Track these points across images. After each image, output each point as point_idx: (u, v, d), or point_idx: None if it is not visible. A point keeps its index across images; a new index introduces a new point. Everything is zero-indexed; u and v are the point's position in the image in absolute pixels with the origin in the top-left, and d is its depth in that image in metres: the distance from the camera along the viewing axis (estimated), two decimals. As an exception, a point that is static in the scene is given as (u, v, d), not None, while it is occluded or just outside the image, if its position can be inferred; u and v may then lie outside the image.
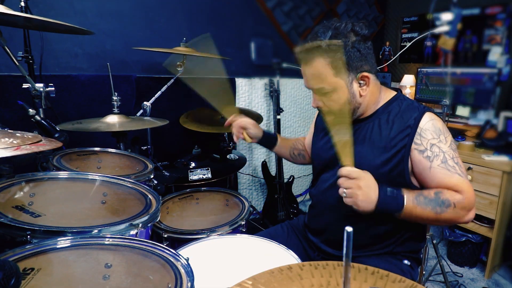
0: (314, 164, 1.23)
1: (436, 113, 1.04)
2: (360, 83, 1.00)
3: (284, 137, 1.43)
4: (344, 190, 0.89)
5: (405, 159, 0.98)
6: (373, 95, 1.04)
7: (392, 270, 1.03)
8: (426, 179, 0.97)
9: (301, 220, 1.32)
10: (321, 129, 1.22)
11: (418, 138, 0.97)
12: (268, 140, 1.37)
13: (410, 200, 0.90)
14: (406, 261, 1.09)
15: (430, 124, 0.98)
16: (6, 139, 0.78)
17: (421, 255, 1.17)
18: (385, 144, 1.00)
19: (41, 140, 0.85)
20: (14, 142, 0.77)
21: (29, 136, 0.85)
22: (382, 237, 1.06)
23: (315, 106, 1.06)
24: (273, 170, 2.66)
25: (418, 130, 0.98)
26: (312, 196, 1.23)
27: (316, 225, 1.19)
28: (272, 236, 1.21)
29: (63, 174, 1.06)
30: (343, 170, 0.90)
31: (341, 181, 0.90)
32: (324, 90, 0.99)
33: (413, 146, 0.97)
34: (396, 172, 0.99)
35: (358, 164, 1.03)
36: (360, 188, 0.87)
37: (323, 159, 1.15)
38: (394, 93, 1.10)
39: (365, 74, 0.99)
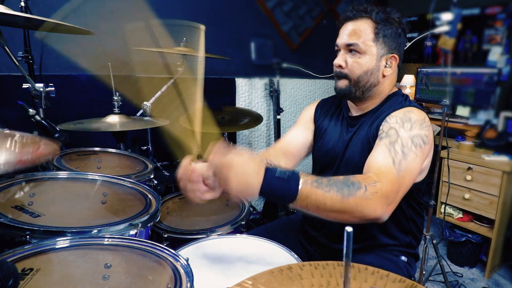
0: (316, 162, 1.22)
1: (422, 110, 1.00)
2: (387, 63, 1.03)
3: None
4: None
5: None
6: (390, 83, 1.07)
7: (388, 265, 1.03)
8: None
9: (299, 215, 1.33)
10: (321, 129, 1.21)
11: (383, 124, 0.95)
12: None
13: (308, 182, 0.72)
14: (403, 257, 1.09)
15: (401, 112, 0.96)
16: (8, 143, 0.81)
17: (418, 251, 1.16)
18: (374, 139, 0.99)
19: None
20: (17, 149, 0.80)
21: (29, 136, 0.86)
22: (377, 229, 1.06)
23: (338, 64, 1.04)
24: (273, 170, 2.66)
25: (387, 117, 0.96)
26: None
27: (313, 218, 1.19)
28: (270, 231, 1.21)
29: (63, 174, 1.06)
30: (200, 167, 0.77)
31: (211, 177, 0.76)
32: (356, 47, 1.00)
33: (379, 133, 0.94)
34: None
35: (358, 163, 1.02)
36: (232, 174, 0.70)
37: (324, 159, 1.15)
38: (396, 89, 1.12)
39: (395, 55, 1.03)
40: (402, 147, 0.86)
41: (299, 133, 1.23)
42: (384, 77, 1.04)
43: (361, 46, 1.00)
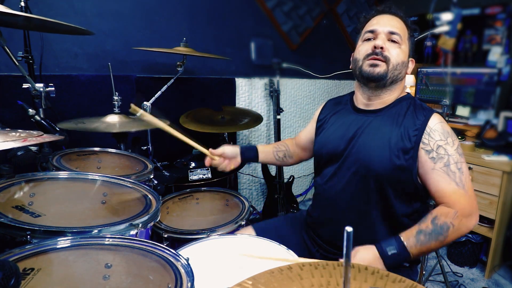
0: (317, 158, 1.22)
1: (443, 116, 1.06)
2: (408, 64, 1.10)
3: (262, 144, 1.43)
4: None
5: (413, 158, 0.99)
6: (403, 84, 1.12)
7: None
8: (427, 180, 0.98)
9: (303, 214, 1.33)
10: (324, 123, 1.22)
11: (426, 137, 0.98)
12: (248, 151, 1.36)
13: (412, 245, 0.89)
14: (405, 263, 1.08)
15: (439, 126, 1.00)
16: (13, 133, 0.86)
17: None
18: (395, 141, 1.00)
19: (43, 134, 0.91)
20: (22, 135, 0.85)
21: (34, 132, 0.92)
22: (382, 236, 1.06)
23: (379, 45, 1.03)
24: (273, 170, 2.66)
25: (427, 129, 0.99)
26: (315, 187, 1.25)
27: (316, 215, 1.20)
28: (273, 227, 1.23)
29: (63, 174, 1.06)
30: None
31: None
32: (398, 38, 1.05)
33: (421, 145, 0.98)
34: (404, 170, 0.99)
35: (366, 157, 1.03)
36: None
37: (326, 153, 1.15)
38: (405, 92, 1.14)
39: (413, 60, 1.11)
40: (455, 165, 0.96)
41: (309, 129, 1.35)
42: (406, 74, 1.10)
43: (402, 37, 1.05)
